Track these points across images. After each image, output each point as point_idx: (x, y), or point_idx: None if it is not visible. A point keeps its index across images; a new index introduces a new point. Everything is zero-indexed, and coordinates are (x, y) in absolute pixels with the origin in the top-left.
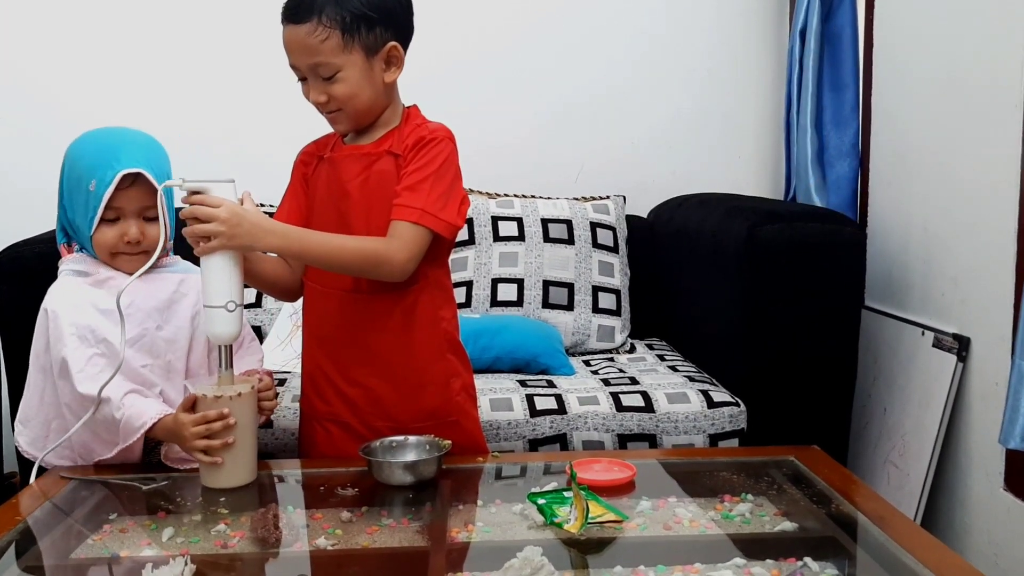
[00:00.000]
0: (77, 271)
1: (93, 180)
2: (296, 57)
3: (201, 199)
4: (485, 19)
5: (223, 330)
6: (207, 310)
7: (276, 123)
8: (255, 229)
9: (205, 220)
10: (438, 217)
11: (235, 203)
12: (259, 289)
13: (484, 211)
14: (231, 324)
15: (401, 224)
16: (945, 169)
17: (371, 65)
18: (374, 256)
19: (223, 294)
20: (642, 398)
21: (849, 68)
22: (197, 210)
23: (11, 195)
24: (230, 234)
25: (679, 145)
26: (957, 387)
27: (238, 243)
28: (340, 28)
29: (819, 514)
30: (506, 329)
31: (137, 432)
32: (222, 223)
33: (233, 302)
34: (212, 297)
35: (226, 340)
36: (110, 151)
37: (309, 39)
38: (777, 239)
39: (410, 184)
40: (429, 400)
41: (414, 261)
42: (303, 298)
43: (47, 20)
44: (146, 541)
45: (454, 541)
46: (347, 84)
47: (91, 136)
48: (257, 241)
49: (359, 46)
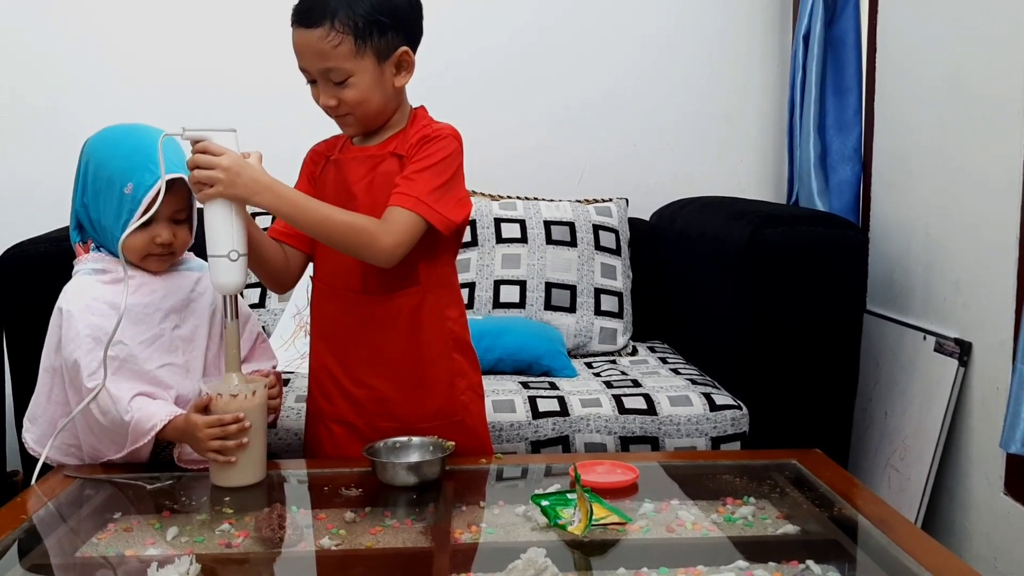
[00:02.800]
0: (96, 269)
1: (130, 183)
2: (307, 61)
3: (206, 146)
4: (489, 23)
5: (227, 279)
6: (211, 259)
7: (284, 120)
8: (253, 183)
9: (207, 168)
10: (433, 208)
11: (238, 154)
12: (250, 268)
13: (487, 213)
14: (234, 273)
15: (395, 209)
16: (947, 174)
17: (382, 70)
18: (363, 233)
19: (225, 243)
20: (644, 401)
21: (852, 72)
22: (200, 158)
23: (15, 194)
24: (229, 182)
25: (682, 148)
26: (958, 391)
27: (235, 192)
28: (352, 33)
29: (821, 517)
30: (508, 331)
31: (148, 435)
32: (223, 171)
33: (236, 251)
34: (215, 246)
35: (230, 289)
36: (143, 153)
37: (321, 44)
38: (779, 243)
39: (408, 174)
40: (434, 400)
41: (403, 248)
42: (311, 298)
43: (49, 20)
44: (151, 540)
45: (458, 542)
46: (358, 89)
47: (117, 135)
48: (253, 195)
49: (371, 51)
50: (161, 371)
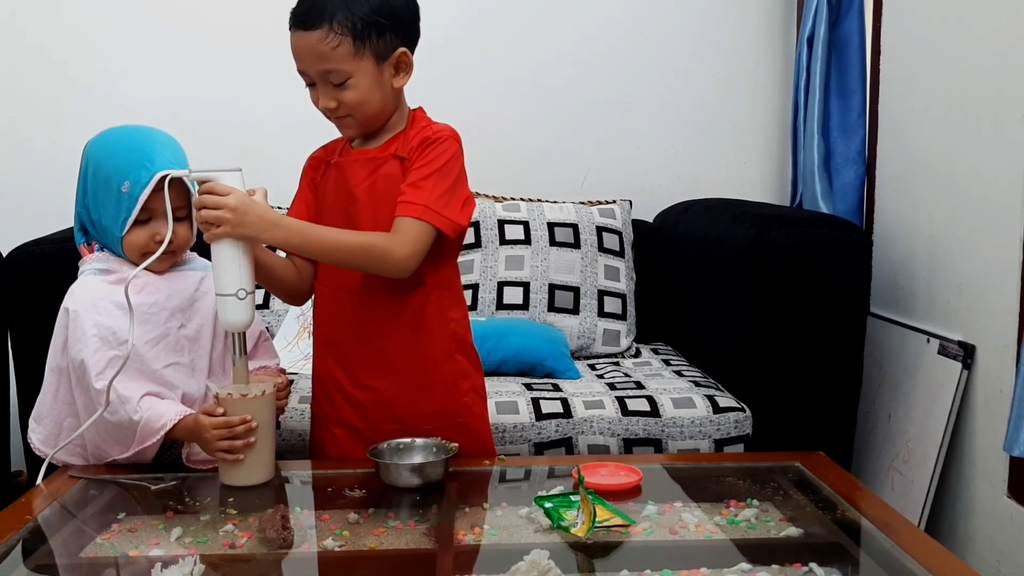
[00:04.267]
0: (101, 269)
1: (126, 181)
2: (306, 63)
3: (211, 187)
4: (492, 23)
5: (235, 318)
6: (219, 298)
7: (284, 127)
8: (261, 221)
9: (214, 208)
10: (441, 214)
11: (244, 193)
12: (266, 288)
13: (490, 214)
14: (243, 312)
15: (404, 220)
16: (951, 177)
17: (381, 71)
18: (376, 251)
19: (233, 282)
20: (648, 403)
21: (856, 75)
22: (207, 198)
23: (19, 195)
24: (236, 222)
25: (686, 150)
26: (962, 394)
27: (244, 232)
28: (351, 35)
29: (824, 520)
30: (512, 332)
31: (157, 434)
32: (230, 211)
33: (244, 290)
34: (223, 285)
35: (238, 327)
36: (141, 152)
37: (320, 46)
38: (783, 245)
39: (413, 181)
40: (437, 401)
41: (417, 257)
42: (313, 301)
43: (52, 20)
44: (155, 541)
45: (461, 544)
46: (357, 91)
47: (117, 136)
48: (262, 233)
49: (370, 52)
50: (167, 370)
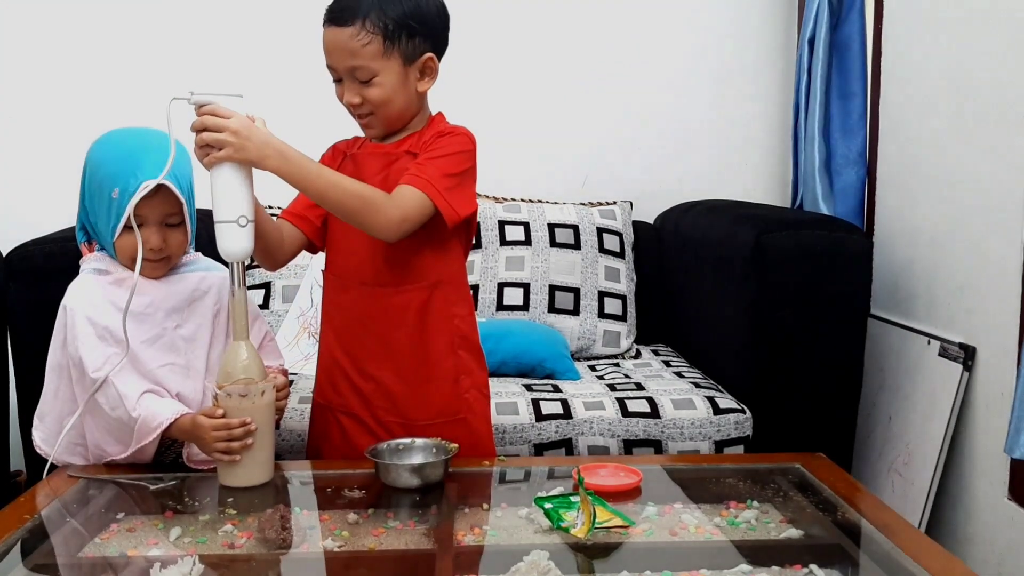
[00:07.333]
0: (98, 269)
1: (116, 188)
2: (335, 58)
3: (213, 109)
4: (493, 25)
5: (235, 246)
6: (218, 225)
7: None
8: (263, 146)
9: (215, 130)
10: (441, 194)
11: (246, 117)
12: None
13: (491, 215)
14: (243, 239)
15: (404, 187)
16: (952, 178)
17: (407, 73)
18: (371, 202)
19: (234, 208)
20: (648, 404)
21: (857, 77)
22: (208, 120)
23: (19, 195)
24: (239, 145)
25: (686, 152)
26: (962, 396)
27: (245, 155)
28: (382, 34)
29: (824, 521)
30: (512, 333)
31: (153, 432)
32: (232, 133)
33: (244, 217)
34: (223, 211)
35: (238, 256)
36: (132, 159)
37: (351, 42)
38: (784, 247)
39: (421, 161)
40: (438, 396)
41: (407, 224)
42: (323, 290)
43: (54, 20)
44: (154, 540)
45: (460, 544)
46: (382, 89)
47: (113, 140)
48: (263, 158)
49: (398, 53)
50: (162, 371)
